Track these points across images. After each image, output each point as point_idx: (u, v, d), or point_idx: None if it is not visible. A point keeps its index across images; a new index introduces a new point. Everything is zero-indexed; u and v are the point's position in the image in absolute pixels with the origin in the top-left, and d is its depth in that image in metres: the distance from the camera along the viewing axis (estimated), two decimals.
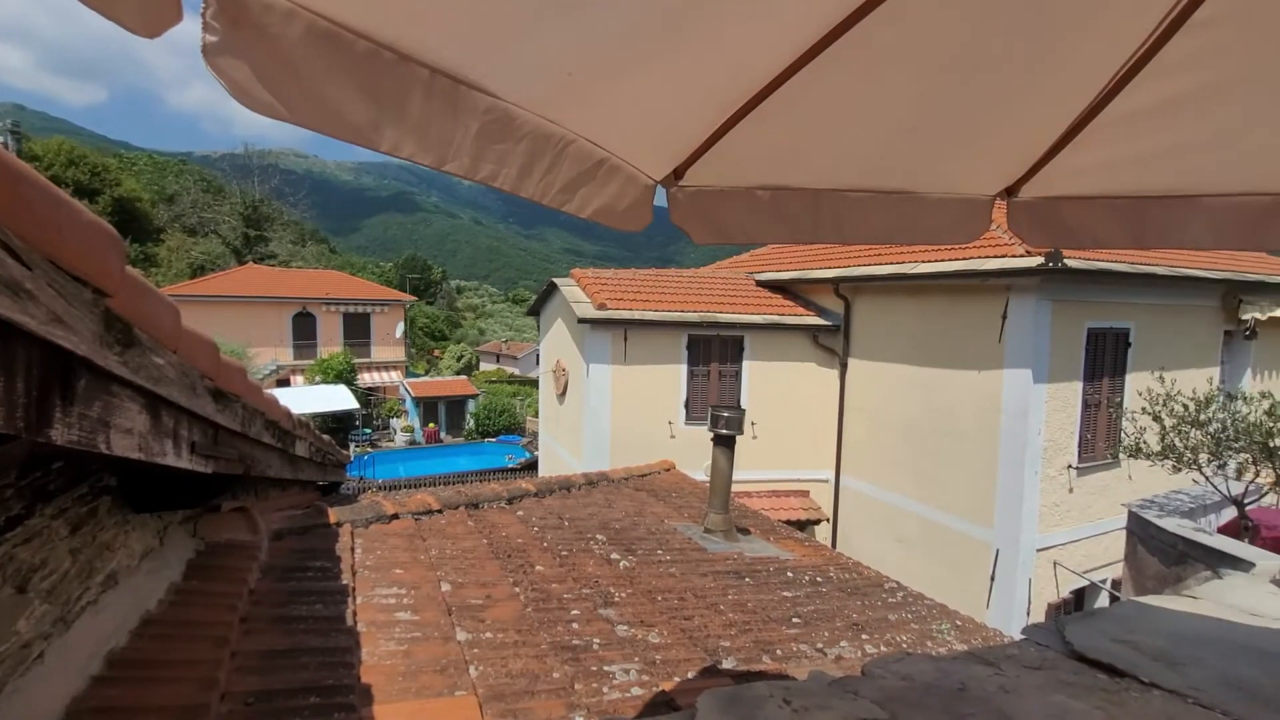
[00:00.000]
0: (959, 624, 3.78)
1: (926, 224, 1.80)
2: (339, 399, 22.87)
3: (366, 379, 29.64)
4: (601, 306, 9.97)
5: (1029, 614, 7.92)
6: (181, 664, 1.50)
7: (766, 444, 10.40)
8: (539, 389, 15.49)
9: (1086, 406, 8.29)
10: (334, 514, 3.19)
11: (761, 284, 11.88)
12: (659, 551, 4.05)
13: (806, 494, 10.87)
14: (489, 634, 2.34)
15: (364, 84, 0.85)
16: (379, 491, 7.06)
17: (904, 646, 3.20)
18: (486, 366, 46.79)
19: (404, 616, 2.33)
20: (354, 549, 2.94)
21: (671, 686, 2.19)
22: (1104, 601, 8.29)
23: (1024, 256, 7.53)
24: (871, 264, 10.05)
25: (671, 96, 1.32)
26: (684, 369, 10.44)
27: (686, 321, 10.28)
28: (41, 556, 1.12)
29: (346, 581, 2.46)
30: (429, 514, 3.72)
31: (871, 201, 1.72)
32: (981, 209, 1.85)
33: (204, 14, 0.69)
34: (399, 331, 32.43)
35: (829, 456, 10.80)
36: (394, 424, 28.59)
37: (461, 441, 27.87)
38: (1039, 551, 7.99)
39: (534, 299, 14.32)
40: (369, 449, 24.81)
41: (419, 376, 34.92)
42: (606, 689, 2.13)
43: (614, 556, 3.71)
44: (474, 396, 29.98)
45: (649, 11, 1.06)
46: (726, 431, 5.16)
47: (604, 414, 10.17)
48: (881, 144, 1.63)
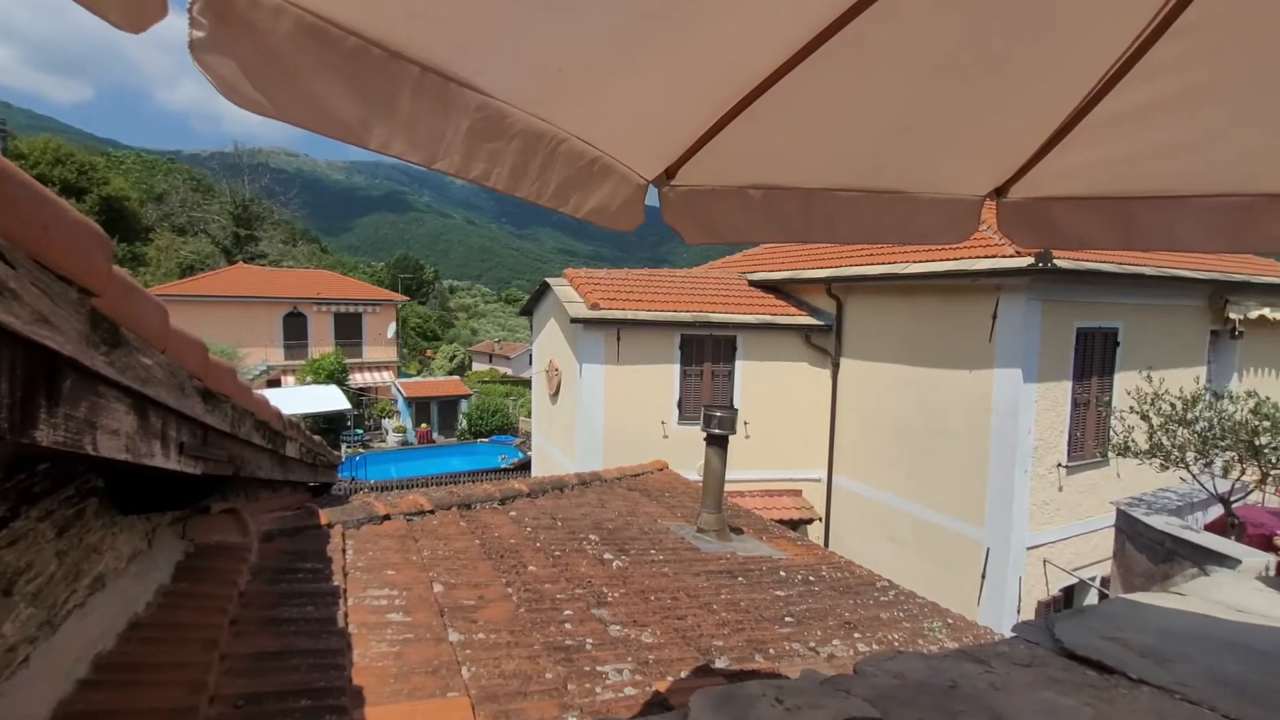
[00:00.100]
0: (950, 622, 3.81)
1: (917, 224, 1.81)
2: (330, 399, 22.74)
3: (358, 379, 29.50)
4: (594, 306, 9.96)
5: (1019, 612, 7.98)
6: (170, 667, 1.48)
7: (759, 444, 10.43)
8: (532, 389, 15.46)
9: (1076, 405, 8.36)
10: (325, 515, 3.17)
11: (754, 284, 11.91)
12: (652, 551, 4.05)
13: (799, 493, 10.90)
14: (481, 635, 2.34)
15: (353, 81, 0.85)
16: (371, 492, 7.02)
17: (896, 645, 3.21)
18: (479, 366, 46.67)
19: (396, 618, 2.32)
20: (345, 550, 2.92)
21: (665, 686, 2.20)
22: (1093, 599, 8.37)
23: (1014, 257, 7.59)
24: (863, 264, 10.10)
25: (663, 95, 1.32)
26: (677, 369, 10.45)
27: (679, 321, 10.29)
28: (27, 559, 1.11)
29: (338, 583, 2.45)
30: (421, 515, 3.71)
31: (863, 201, 1.73)
32: (972, 209, 1.86)
33: (190, 9, 0.69)
34: (391, 331, 32.29)
35: (821, 456, 10.84)
36: (386, 424, 28.46)
37: (454, 442, 27.78)
38: (1029, 550, 8.05)
39: (527, 299, 14.29)
40: (361, 450, 24.68)
41: (411, 377, 34.79)
42: (599, 689, 2.13)
43: (607, 556, 3.71)
44: (466, 397, 29.89)
45: (641, 9, 1.06)
46: (719, 431, 5.17)
47: (597, 414, 10.16)
48: (873, 144, 1.64)
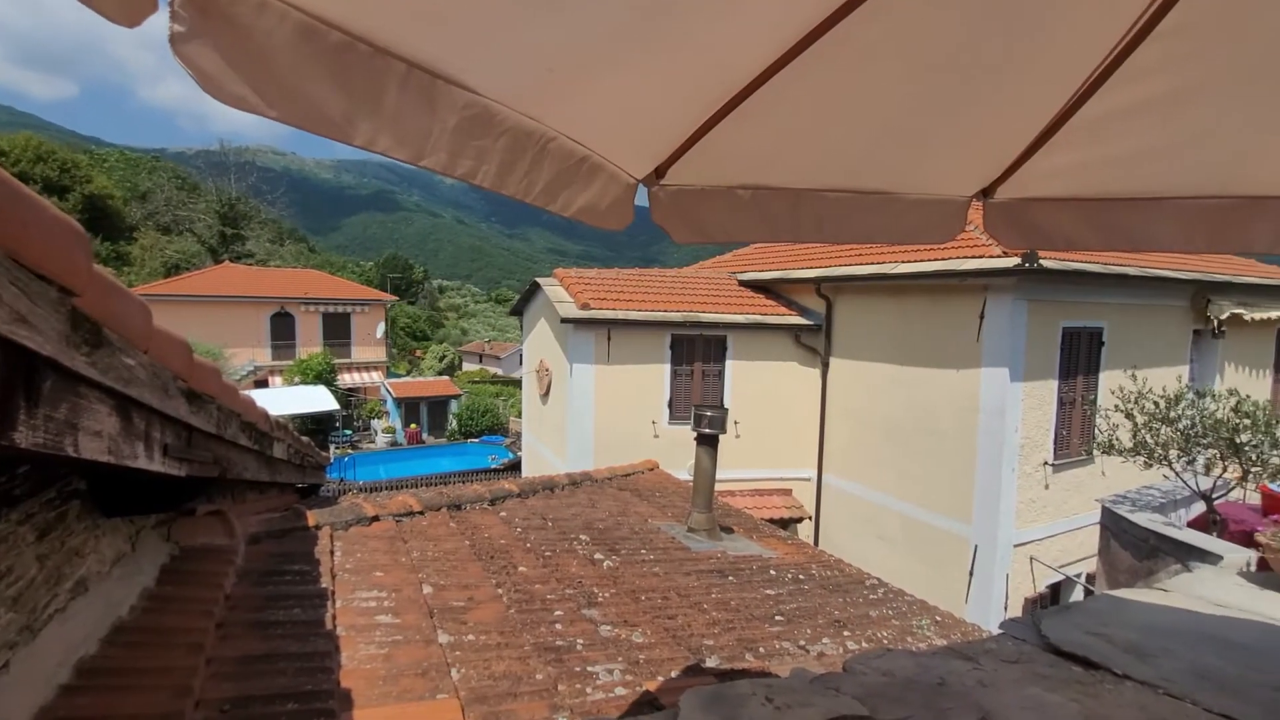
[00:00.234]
0: (939, 619, 3.84)
1: (905, 224, 1.82)
2: (318, 400, 22.55)
3: (347, 379, 29.28)
4: (585, 306, 9.95)
5: (1006, 609, 8.06)
6: (155, 672, 1.47)
7: (749, 443, 10.46)
8: (522, 389, 15.41)
9: (1062, 404, 8.45)
10: (313, 516, 3.14)
11: (744, 284, 11.94)
12: (643, 551, 4.05)
13: (789, 492, 10.94)
14: (471, 636, 2.33)
15: (338, 76, 0.84)
16: (359, 493, 6.97)
17: (885, 642, 3.23)
18: (469, 367, 46.46)
19: (385, 620, 2.31)
20: (333, 552, 2.90)
21: (655, 686, 2.20)
22: (1079, 595, 8.46)
23: (1000, 257, 7.66)
24: (852, 264, 10.15)
25: (653, 94, 1.32)
26: (667, 369, 10.46)
27: (670, 321, 10.30)
28: (7, 563, 1.09)
29: (326, 585, 2.43)
30: (410, 516, 3.69)
31: (851, 201, 1.74)
32: (958, 210, 1.88)
33: (172, 3, 0.68)
34: (380, 331, 32.08)
35: (811, 455, 10.89)
36: (375, 425, 28.28)
37: (444, 442, 27.64)
38: (1016, 547, 8.13)
39: (517, 299, 14.24)
40: (349, 450, 24.50)
41: (400, 377, 34.58)
42: (590, 689, 2.12)
43: (597, 556, 3.70)
44: (456, 397, 29.75)
45: (631, 8, 1.06)
46: (710, 431, 5.18)
47: (587, 414, 10.15)
48: (861, 144, 1.65)
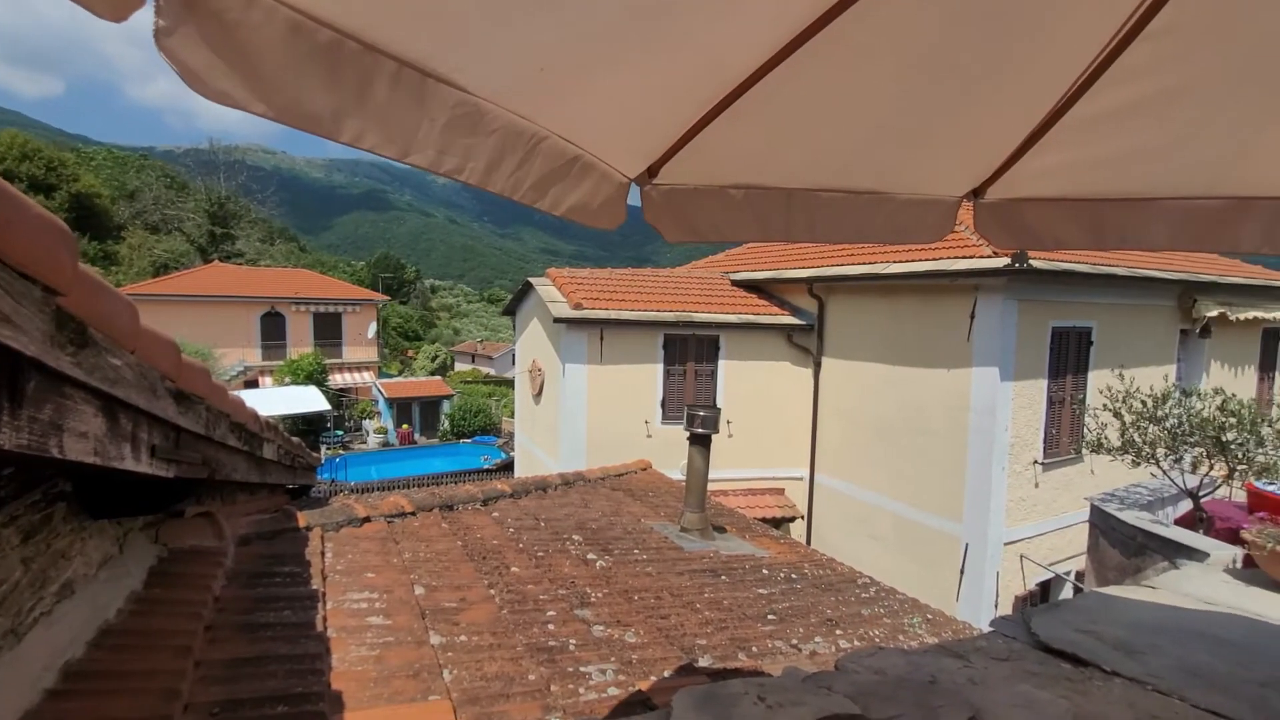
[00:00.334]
0: (930, 618, 3.86)
1: (896, 224, 1.83)
2: (309, 400, 22.39)
3: (338, 380, 29.10)
4: (577, 306, 9.94)
5: (997, 606, 8.11)
6: (142, 675, 1.45)
7: (742, 443, 10.48)
8: (515, 389, 15.38)
9: (1051, 403, 8.52)
10: (303, 518, 3.12)
11: (737, 283, 11.96)
12: (635, 551, 4.05)
13: (782, 492, 10.97)
14: (463, 637, 2.32)
15: (326, 73, 0.83)
16: (351, 494, 6.93)
17: (877, 641, 3.25)
18: (462, 367, 46.31)
19: (376, 621, 2.29)
20: (324, 553, 2.88)
21: (648, 686, 2.19)
22: (1068, 593, 8.53)
23: (991, 257, 7.71)
24: (844, 264, 10.19)
25: (645, 94, 1.32)
26: (660, 368, 10.46)
27: (662, 321, 10.30)
28: None
29: (316, 586, 2.42)
30: (402, 516, 3.67)
31: (843, 201, 1.75)
32: (949, 210, 1.89)
33: None
34: (371, 331, 31.91)
35: (804, 454, 10.92)
36: (366, 425, 28.12)
37: (436, 443, 27.53)
38: (1006, 545, 8.19)
39: (509, 299, 14.20)
40: (341, 451, 24.36)
41: (392, 377, 34.41)
42: (583, 690, 2.12)
43: (590, 556, 3.70)
44: (449, 397, 29.64)
45: (623, 8, 1.06)
46: (702, 430, 5.18)
47: (580, 414, 10.14)
48: (853, 144, 1.66)
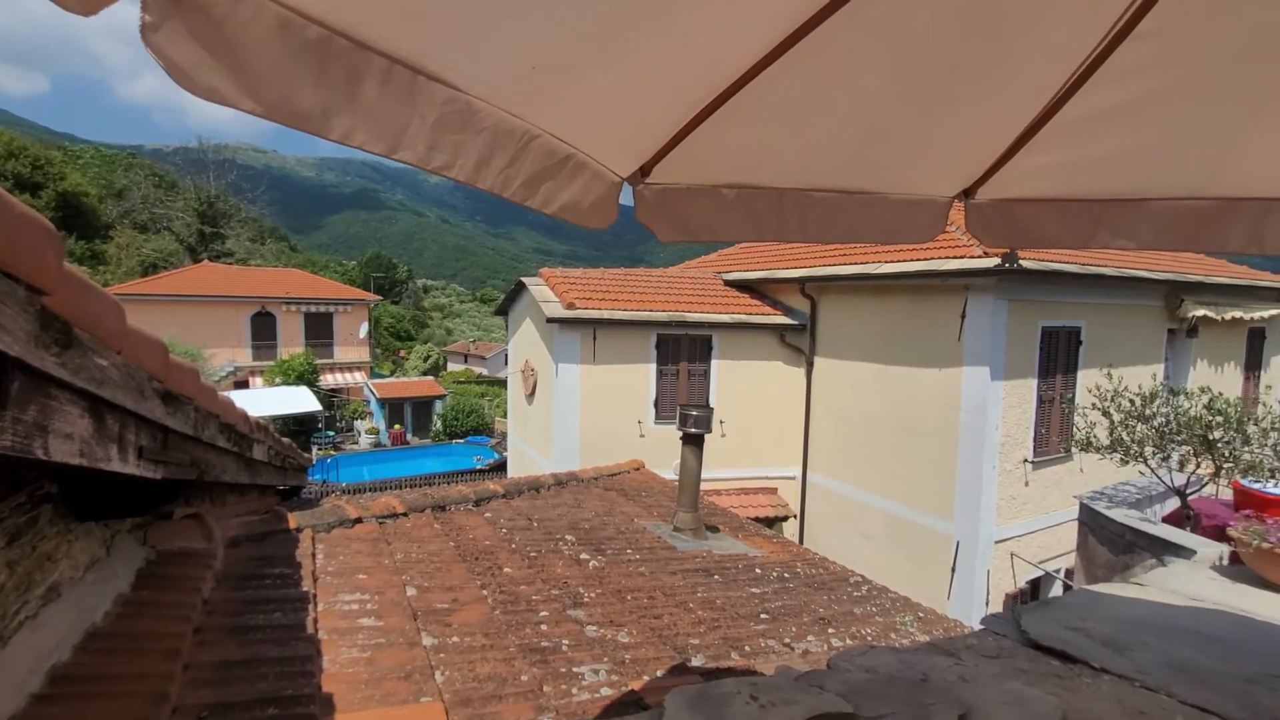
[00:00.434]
0: (921, 616, 3.88)
1: (888, 224, 1.84)
2: (300, 401, 22.25)
3: (329, 380, 28.93)
4: (570, 306, 9.93)
5: (988, 604, 8.17)
6: (130, 678, 1.44)
7: (735, 442, 10.50)
8: (507, 389, 15.34)
9: (1041, 402, 8.58)
10: (294, 519, 3.10)
11: (729, 284, 11.98)
12: (628, 551, 4.05)
13: (774, 491, 11.00)
14: (455, 638, 2.31)
15: (315, 70, 0.82)
16: (343, 495, 6.90)
17: (869, 639, 3.26)
18: (454, 367, 46.14)
19: (367, 623, 2.28)
20: (315, 554, 2.87)
21: (641, 686, 2.19)
22: (1058, 590, 8.60)
23: (981, 257, 7.76)
24: (836, 264, 10.23)
25: (638, 93, 1.32)
26: (653, 368, 10.46)
27: (655, 321, 10.30)
28: None
29: (307, 588, 2.40)
30: (394, 517, 3.65)
31: (835, 201, 1.75)
32: (940, 210, 1.90)
33: None
34: (363, 331, 31.74)
35: (796, 454, 10.95)
36: (358, 426, 27.97)
37: (428, 443, 27.42)
38: (997, 543, 8.25)
39: (502, 298, 14.17)
40: (332, 452, 24.21)
41: (384, 377, 34.25)
42: (575, 690, 2.12)
43: (583, 557, 3.69)
44: (441, 397, 29.53)
45: (615, 6, 1.05)
46: (695, 430, 5.19)
47: (573, 414, 10.13)
48: (845, 144, 1.66)
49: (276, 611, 2.11)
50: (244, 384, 26.69)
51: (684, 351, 10.61)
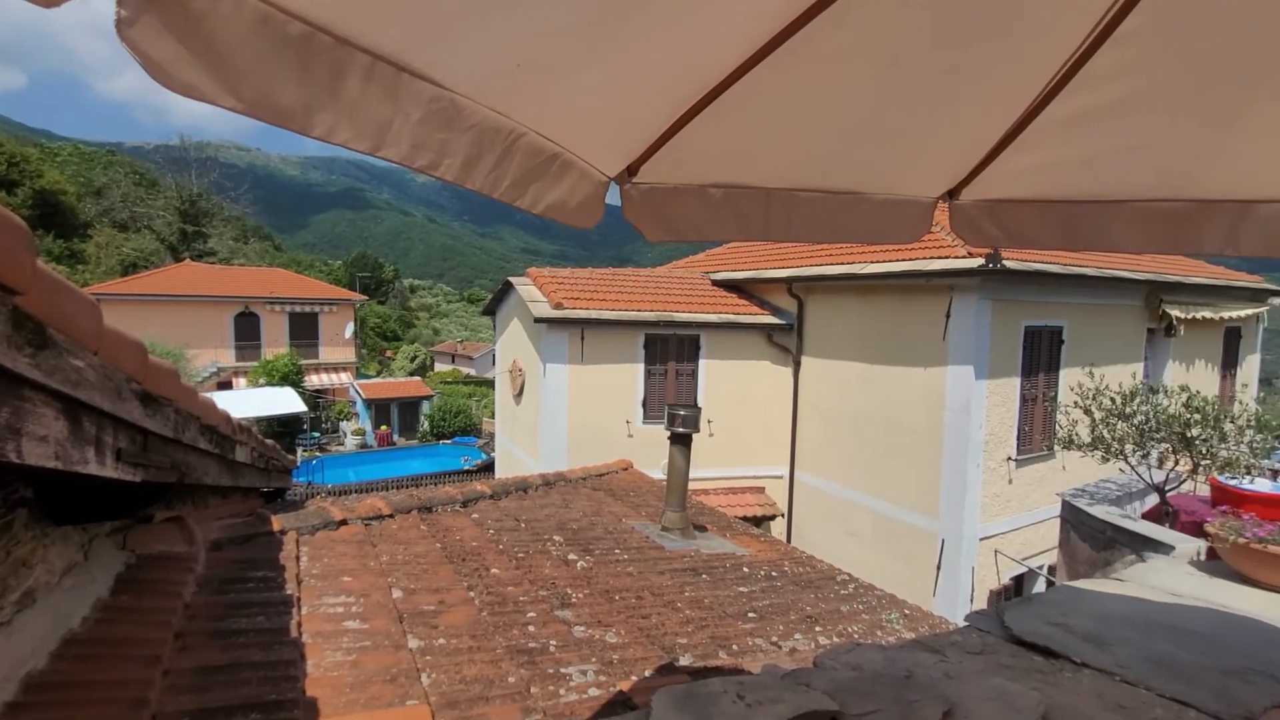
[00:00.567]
0: (907, 613, 3.91)
1: (873, 224, 1.85)
2: (285, 402, 22.00)
3: (314, 381, 28.64)
4: (558, 306, 9.90)
5: (972, 600, 8.25)
6: (108, 685, 1.41)
7: (723, 442, 10.53)
8: (495, 389, 15.27)
9: (1024, 401, 8.69)
10: (278, 521, 3.06)
11: (717, 283, 12.01)
12: (616, 551, 4.05)
13: (762, 490, 11.04)
14: (442, 640, 2.29)
15: (297, 66, 0.81)
16: (328, 497, 6.83)
17: (855, 637, 3.28)
18: (441, 367, 45.87)
19: (352, 626, 2.26)
20: (299, 557, 2.83)
21: (629, 686, 2.19)
22: (1041, 587, 8.71)
23: (966, 258, 7.84)
24: (823, 264, 10.29)
25: (624, 92, 1.32)
26: (641, 368, 10.46)
27: (643, 321, 10.30)
28: None
29: (291, 591, 2.37)
30: (379, 519, 3.62)
31: (821, 201, 1.76)
32: (925, 210, 1.91)
33: None
34: (349, 332, 31.45)
35: (784, 453, 11.00)
36: (344, 427, 27.71)
37: (415, 444, 27.23)
38: (981, 540, 8.34)
39: (490, 298, 14.10)
40: (317, 453, 23.97)
41: (370, 378, 33.96)
42: (563, 691, 2.11)
43: (571, 557, 3.68)
44: (428, 398, 29.33)
45: (599, 4, 1.05)
46: (683, 430, 5.19)
47: (561, 414, 10.10)
48: (831, 145, 1.67)
49: (259, 615, 2.08)
50: (227, 385, 26.36)
51: (672, 351, 10.62)
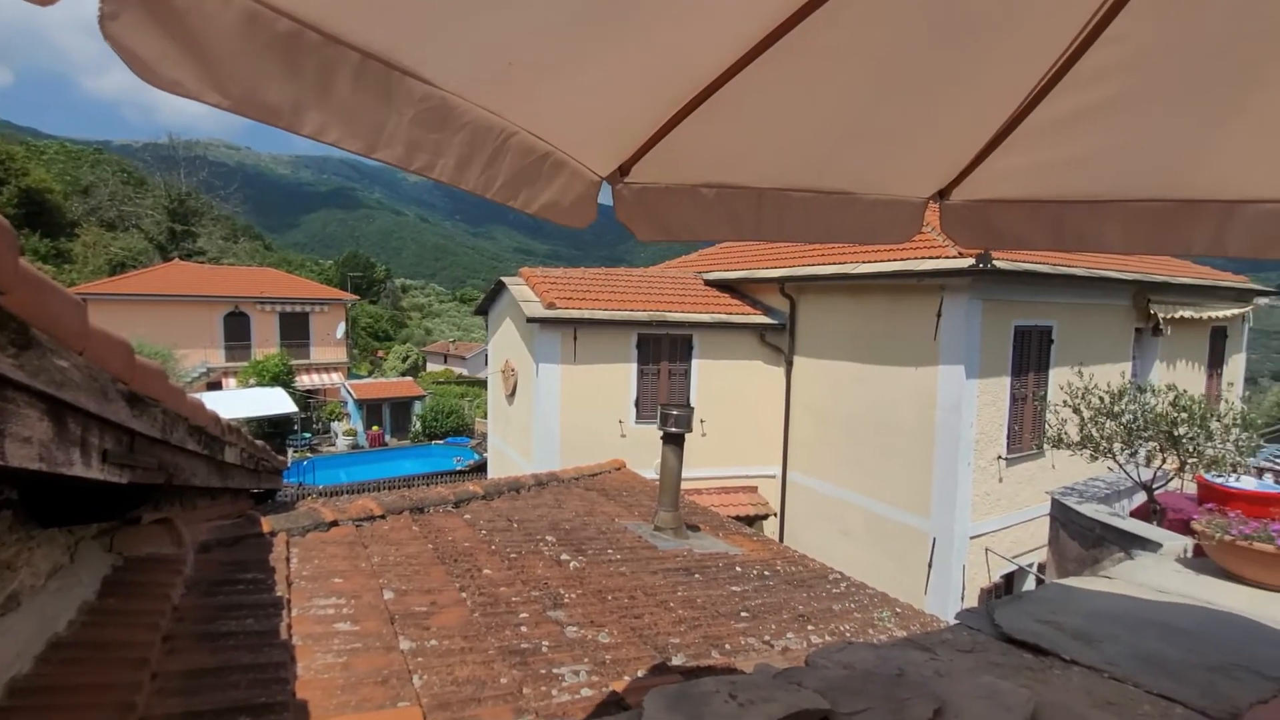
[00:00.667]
0: (899, 611, 3.93)
1: (865, 224, 1.85)
2: (275, 402, 21.88)
3: (305, 381, 28.46)
4: (551, 306, 9.88)
5: (963, 599, 8.31)
6: (94, 689, 1.39)
7: (715, 441, 10.54)
8: (488, 390, 15.22)
9: (1014, 400, 8.75)
10: (268, 523, 3.04)
11: (710, 283, 12.02)
12: (609, 551, 4.04)
13: (755, 490, 11.07)
14: (434, 641, 2.28)
15: (285, 64, 0.80)
16: (318, 498, 6.78)
17: (847, 635, 3.29)
18: (434, 367, 45.67)
19: (343, 627, 2.25)
20: (289, 559, 2.81)
21: (621, 686, 2.19)
22: (1031, 584, 8.78)
23: (956, 258, 7.89)
24: (815, 264, 10.32)
25: (616, 91, 1.31)
26: (634, 368, 10.46)
27: (636, 320, 10.30)
28: None
29: (281, 593, 2.35)
30: (371, 520, 3.60)
31: (813, 201, 1.76)
32: (916, 211, 1.92)
33: None
34: (340, 332, 31.26)
35: (776, 453, 11.03)
36: (335, 427, 27.53)
37: (407, 444, 27.10)
38: (972, 539, 8.39)
39: (482, 298, 14.04)
40: (308, 454, 23.82)
41: (362, 378, 33.76)
42: (555, 691, 2.11)
43: (564, 557, 3.68)
44: (420, 398, 29.20)
45: (591, 2, 1.05)
46: (676, 430, 5.20)
47: (554, 414, 10.08)
48: (823, 145, 1.67)
49: (249, 617, 2.06)
50: (217, 385, 26.15)
51: (664, 351, 10.62)
